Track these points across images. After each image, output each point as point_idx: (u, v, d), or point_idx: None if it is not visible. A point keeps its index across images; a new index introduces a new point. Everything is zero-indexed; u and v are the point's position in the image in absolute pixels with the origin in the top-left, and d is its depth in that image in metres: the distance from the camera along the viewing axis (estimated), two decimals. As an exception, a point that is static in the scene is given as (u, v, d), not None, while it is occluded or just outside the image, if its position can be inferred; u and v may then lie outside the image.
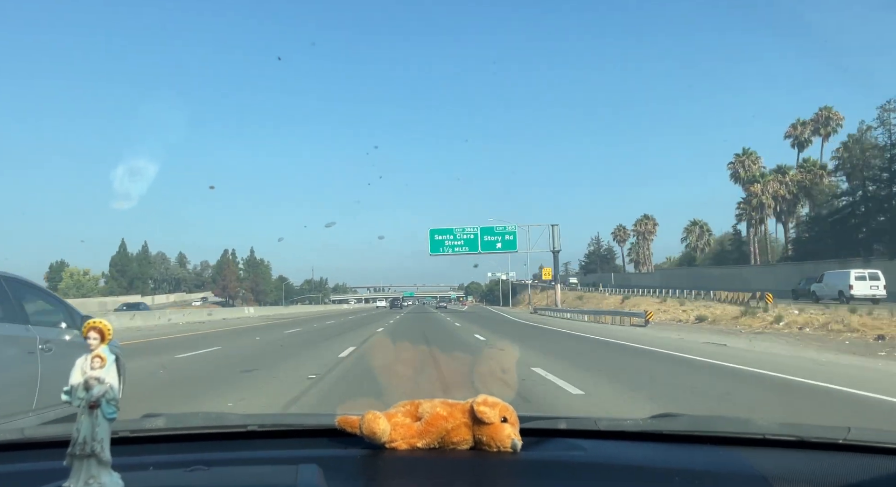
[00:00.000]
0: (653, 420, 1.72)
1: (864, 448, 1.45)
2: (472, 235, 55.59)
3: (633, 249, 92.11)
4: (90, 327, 1.07)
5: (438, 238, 55.52)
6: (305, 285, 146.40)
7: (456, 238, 55.38)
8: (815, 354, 14.10)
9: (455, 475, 1.38)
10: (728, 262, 63.71)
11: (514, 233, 56.05)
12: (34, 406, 5.11)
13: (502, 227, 56.35)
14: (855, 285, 31.82)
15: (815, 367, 11.15)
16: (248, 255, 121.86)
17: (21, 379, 4.99)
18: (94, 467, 1.03)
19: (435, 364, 3.66)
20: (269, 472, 1.37)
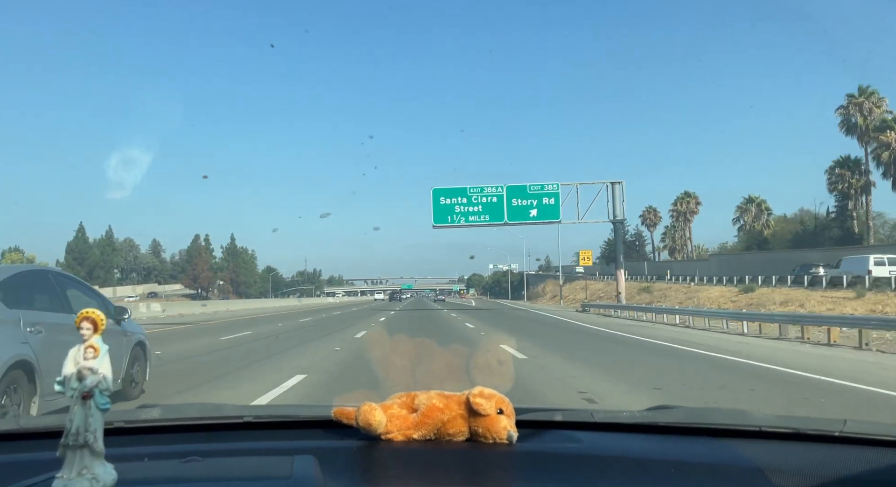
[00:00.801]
0: (649, 412, 1.72)
1: (860, 441, 1.45)
2: (493, 198, 37.43)
3: (667, 233, 77.00)
4: (83, 317, 1.06)
5: (445, 202, 37.62)
6: (298, 277, 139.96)
7: (471, 202, 37.58)
8: None
9: (451, 466, 1.38)
10: (808, 244, 49.09)
11: (557, 194, 37.18)
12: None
13: (538, 187, 37.29)
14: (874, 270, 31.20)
15: None
16: (228, 242, 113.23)
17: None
18: (88, 457, 1.02)
19: (431, 355, 3.58)
20: (264, 463, 1.37)
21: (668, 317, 26.32)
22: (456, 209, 37.60)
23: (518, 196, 37.43)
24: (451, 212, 37.69)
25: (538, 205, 37.33)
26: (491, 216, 37.56)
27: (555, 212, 37.46)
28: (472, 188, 37.82)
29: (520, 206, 37.34)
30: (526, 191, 37.48)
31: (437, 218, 37.92)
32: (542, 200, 37.28)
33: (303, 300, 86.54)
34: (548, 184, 37.62)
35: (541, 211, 37.34)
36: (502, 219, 37.61)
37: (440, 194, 38.02)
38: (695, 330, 21.52)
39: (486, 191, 37.75)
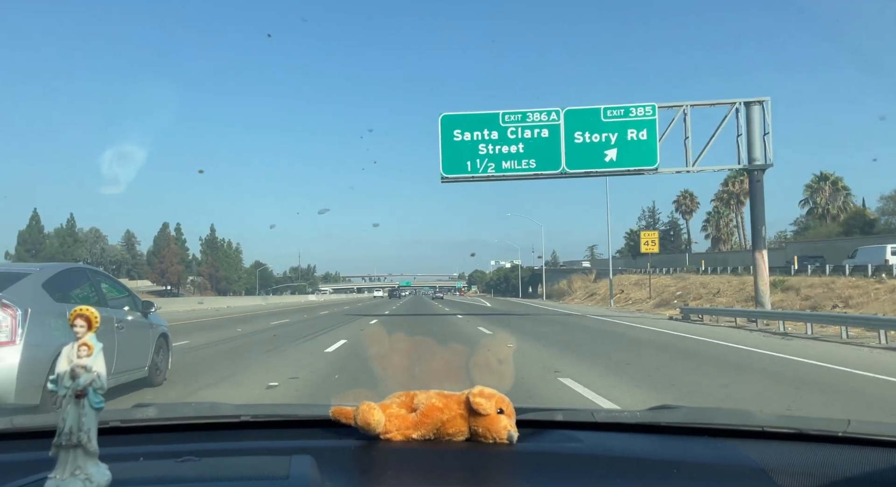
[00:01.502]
0: (650, 412, 1.71)
1: (864, 441, 1.44)
2: (543, 131, 23.41)
3: (710, 220, 64.42)
4: (76, 314, 1.04)
5: (463, 138, 23.56)
6: (291, 273, 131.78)
7: (505, 137, 23.46)
8: None
9: (450, 466, 1.36)
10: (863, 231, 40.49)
11: (652, 123, 23.21)
12: (112, 370, 6.46)
13: (619, 112, 23.30)
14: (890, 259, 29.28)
15: None
16: (207, 234, 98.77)
17: (106, 351, 5.58)
18: (81, 457, 1.00)
19: (431, 354, 3.52)
20: (261, 463, 1.36)
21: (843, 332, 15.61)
22: (480, 149, 23.29)
23: (585, 126, 23.14)
24: (473, 154, 23.33)
25: (619, 141, 22.94)
26: (539, 160, 23.16)
27: (648, 153, 22.90)
28: (509, 114, 23.46)
29: (587, 145, 23.10)
30: (598, 118, 23.10)
31: (450, 164, 23.50)
32: (627, 134, 22.97)
33: (269, 298, 71.62)
34: (636, 107, 23.04)
35: (624, 151, 22.92)
36: (557, 166, 23.16)
37: (455, 125, 23.49)
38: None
39: (532, 120, 23.29)
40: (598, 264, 72.01)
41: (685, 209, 70.13)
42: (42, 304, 5.83)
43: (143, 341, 7.71)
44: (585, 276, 65.51)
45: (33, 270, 6.42)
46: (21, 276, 6.10)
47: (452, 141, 23.65)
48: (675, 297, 38.32)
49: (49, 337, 5.56)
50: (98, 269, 8.03)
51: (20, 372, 5.30)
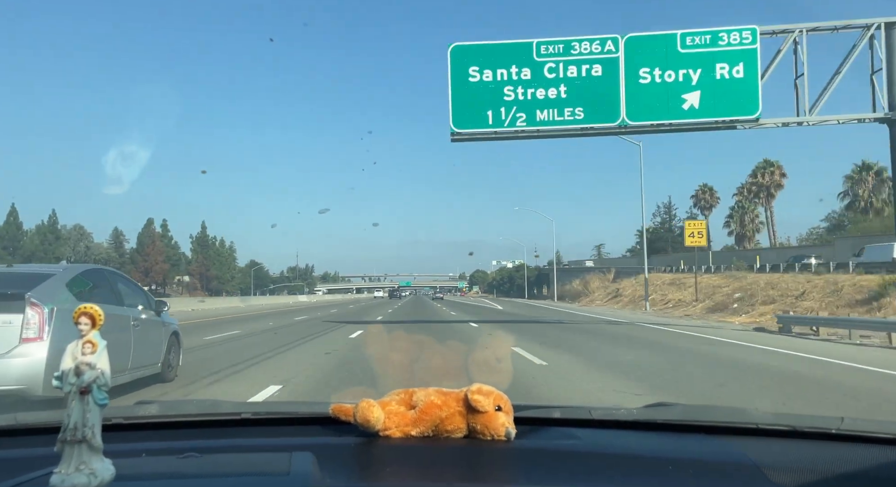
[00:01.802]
0: (647, 410, 1.73)
1: (858, 438, 1.45)
2: (595, 67, 16.73)
3: (733, 216, 59.22)
4: (81, 312, 1.06)
5: (480, 78, 17.07)
6: (289, 273, 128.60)
7: (540, 77, 16.72)
8: None
9: (449, 463, 1.38)
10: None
11: (752, 53, 16.36)
12: (129, 366, 7.11)
13: (704, 39, 16.55)
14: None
15: None
16: (198, 232, 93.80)
17: (123, 348, 6.90)
18: (85, 453, 1.02)
19: (430, 352, 3.51)
20: (262, 460, 1.37)
21: None
22: (506, 94, 17.08)
23: (655, 60, 16.81)
24: (495, 100, 17.12)
25: (704, 80, 16.61)
26: (589, 108, 16.92)
27: (745, 97, 16.61)
28: (546, 44, 17.10)
29: (658, 86, 16.80)
30: (674, 48, 16.78)
31: (463, 115, 17.35)
32: (715, 70, 16.59)
33: (250, 300, 64.08)
34: (728, 33, 16.72)
35: (711, 95, 16.62)
36: (615, 116, 16.97)
37: (471, 59, 17.21)
38: None
39: (579, 51, 17.04)
40: (606, 263, 68.17)
41: (704, 204, 63.41)
42: (66, 303, 6.08)
43: (156, 339, 8.03)
44: (603, 275, 58.55)
45: (57, 271, 6.79)
46: (46, 277, 6.40)
47: (467, 82, 16.54)
48: (735, 300, 31.08)
49: (73, 333, 5.29)
50: (115, 270, 8.50)
51: (48, 365, 5.56)
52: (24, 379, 5.63)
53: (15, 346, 5.69)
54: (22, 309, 5.75)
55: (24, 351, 5.67)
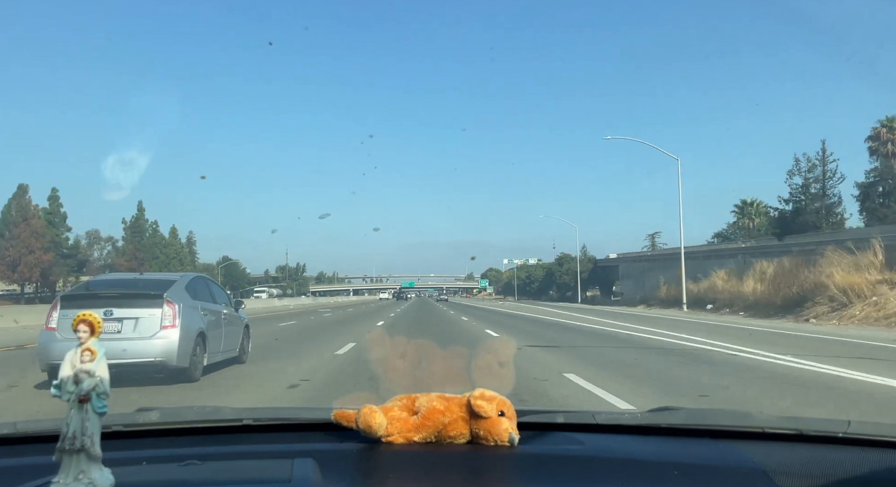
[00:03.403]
0: (651, 414, 1.72)
1: (864, 442, 1.44)
2: None
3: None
4: (80, 320, 1.05)
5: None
6: (278, 272, 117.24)
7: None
8: None
9: (452, 469, 1.37)
10: None
11: None
12: (220, 350, 9.42)
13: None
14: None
15: None
16: (134, 214, 72.99)
17: (218, 336, 9.33)
18: (84, 462, 1.01)
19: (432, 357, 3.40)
20: (264, 466, 1.36)
21: None
22: None
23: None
24: None
25: None
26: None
27: None
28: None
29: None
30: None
31: None
32: None
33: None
34: None
35: None
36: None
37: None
38: None
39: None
40: (667, 256, 48.26)
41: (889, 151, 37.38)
42: (186, 301, 8.53)
43: (237, 329, 10.38)
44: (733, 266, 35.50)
45: (177, 278, 9.16)
46: (171, 282, 8.75)
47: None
48: None
49: (192, 322, 8.40)
50: (209, 277, 10.93)
51: (179, 345, 7.97)
52: (164, 353, 7.88)
53: (157, 331, 7.94)
54: (161, 305, 8.04)
55: (163, 335, 7.94)
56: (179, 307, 8.20)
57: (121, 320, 7.99)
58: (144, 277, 10.44)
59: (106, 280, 10.34)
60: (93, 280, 10.24)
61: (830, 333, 17.20)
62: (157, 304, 8.08)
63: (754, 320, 24.92)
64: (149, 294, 8.24)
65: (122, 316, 8.00)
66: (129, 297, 8.20)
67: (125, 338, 7.85)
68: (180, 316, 8.13)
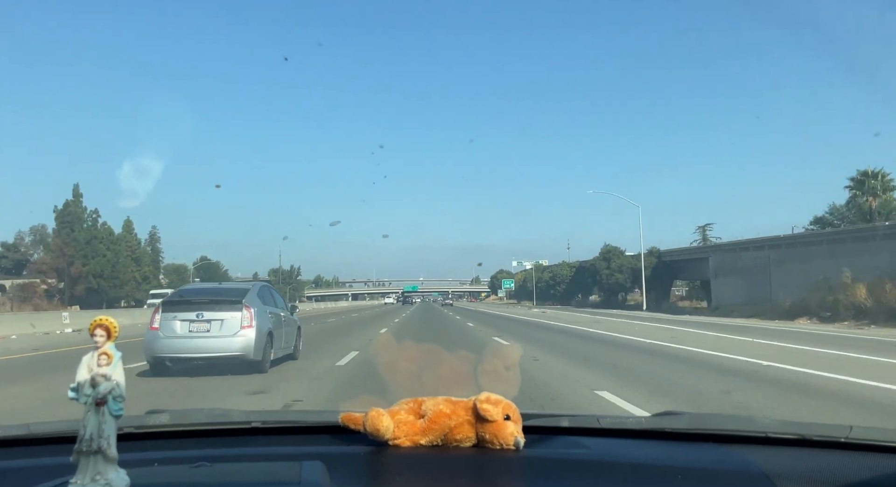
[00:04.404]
0: (655, 418, 1.73)
1: (867, 447, 1.45)
2: None
3: None
4: (96, 324, 1.07)
5: None
6: (271, 276, 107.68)
7: None
8: None
9: (458, 472, 1.38)
10: None
11: None
12: (282, 347, 11.11)
13: None
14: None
15: None
16: (68, 199, 58.47)
17: (280, 335, 10.96)
18: (101, 463, 1.03)
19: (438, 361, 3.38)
20: (272, 469, 1.38)
21: None
22: None
23: None
24: None
25: None
26: None
27: None
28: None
29: None
30: None
31: None
32: None
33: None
34: None
35: None
36: None
37: None
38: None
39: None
40: (724, 251, 42.34)
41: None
42: (259, 305, 10.23)
43: (292, 330, 12.10)
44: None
45: (251, 286, 11.02)
46: (246, 291, 10.52)
47: None
48: None
49: (263, 323, 10.07)
50: (271, 285, 12.99)
51: (255, 342, 9.65)
52: (244, 348, 9.61)
53: (238, 330, 9.66)
54: (240, 309, 9.79)
55: (243, 334, 9.66)
56: (254, 310, 9.93)
57: (209, 321, 9.72)
58: (223, 286, 12.33)
59: (195, 288, 12.88)
60: (184, 288, 12.51)
61: None
62: (237, 308, 9.81)
63: None
64: (231, 300, 9.99)
65: (210, 318, 9.74)
66: (216, 303, 9.94)
67: (213, 336, 9.66)
68: (255, 318, 9.83)
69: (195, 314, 9.74)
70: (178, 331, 9.67)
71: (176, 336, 9.65)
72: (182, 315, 9.76)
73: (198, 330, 9.69)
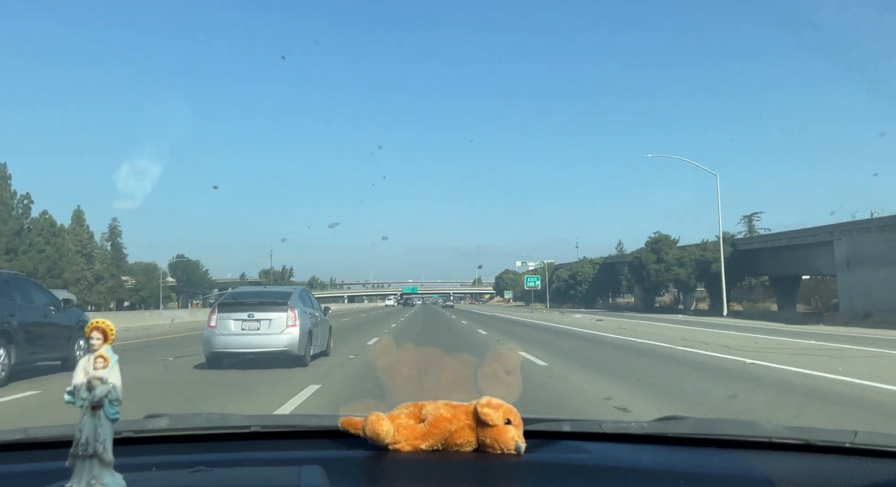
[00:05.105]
0: (657, 423, 1.71)
1: (872, 452, 1.44)
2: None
3: None
4: (93, 327, 1.06)
5: None
6: (262, 277, 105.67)
7: None
8: None
9: (458, 477, 1.37)
10: None
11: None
12: (318, 344, 12.30)
13: None
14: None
15: None
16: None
17: (316, 333, 12.15)
18: (97, 467, 1.02)
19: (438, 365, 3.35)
20: (271, 473, 1.37)
21: None
22: None
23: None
24: None
25: None
26: None
27: None
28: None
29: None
30: None
31: None
32: None
33: None
34: None
35: None
36: None
37: None
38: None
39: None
40: (861, 232, 31.27)
41: None
42: (300, 307, 11.57)
43: (326, 329, 13.42)
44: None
45: (293, 290, 12.48)
46: (290, 294, 11.88)
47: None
48: None
49: (304, 322, 11.37)
50: (308, 290, 14.42)
51: (298, 339, 10.99)
52: (289, 345, 10.93)
53: (284, 328, 10.97)
54: (286, 310, 11.11)
55: (289, 332, 10.98)
56: (297, 311, 11.30)
57: (259, 320, 11.08)
58: (268, 289, 14.72)
59: (245, 291, 13.71)
60: (235, 291, 13.85)
61: None
62: (283, 309, 11.15)
63: None
64: (277, 302, 11.31)
65: (259, 317, 11.09)
66: (264, 304, 11.28)
67: (262, 334, 11.02)
68: (298, 318, 11.18)
69: (247, 314, 11.11)
70: (232, 329, 11.05)
71: (230, 333, 11.04)
72: (235, 315, 11.12)
73: (249, 329, 11.08)
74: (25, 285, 10.73)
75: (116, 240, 69.51)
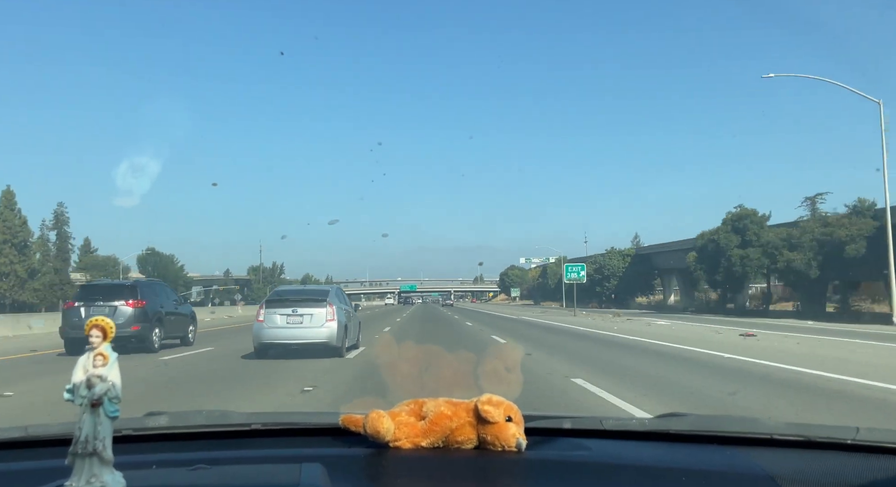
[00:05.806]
0: (659, 420, 1.71)
1: (874, 449, 1.43)
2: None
3: None
4: (92, 325, 1.06)
5: None
6: (252, 274, 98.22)
7: None
8: None
9: (459, 474, 1.37)
10: None
11: None
12: (351, 337, 13.66)
13: None
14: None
15: None
16: None
17: (349, 327, 13.53)
18: (97, 466, 1.02)
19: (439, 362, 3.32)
20: (272, 471, 1.37)
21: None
22: None
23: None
24: None
25: None
26: None
27: None
28: None
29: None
30: None
31: None
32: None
33: None
34: None
35: None
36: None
37: None
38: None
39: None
40: None
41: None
42: (337, 303, 13.11)
43: (356, 324, 14.89)
44: None
45: (330, 288, 14.54)
46: (328, 291, 13.70)
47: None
48: None
49: (341, 317, 12.86)
50: (341, 289, 15.89)
51: (336, 332, 12.51)
52: (328, 337, 12.50)
53: (324, 322, 12.53)
54: (325, 306, 12.67)
55: (328, 325, 12.54)
56: (335, 307, 12.88)
57: (302, 315, 12.67)
58: (308, 288, 16.99)
59: (287, 290, 15.46)
60: (279, 289, 15.78)
61: None
62: (323, 305, 12.75)
63: None
64: (317, 299, 13.01)
65: (302, 313, 12.67)
66: (306, 300, 12.97)
67: (305, 327, 12.61)
68: (336, 314, 12.73)
69: (291, 310, 12.71)
70: (278, 323, 12.71)
71: (277, 326, 12.71)
72: (281, 310, 12.76)
73: (293, 322, 12.68)
74: (163, 287, 16.54)
75: (63, 228, 57.84)
